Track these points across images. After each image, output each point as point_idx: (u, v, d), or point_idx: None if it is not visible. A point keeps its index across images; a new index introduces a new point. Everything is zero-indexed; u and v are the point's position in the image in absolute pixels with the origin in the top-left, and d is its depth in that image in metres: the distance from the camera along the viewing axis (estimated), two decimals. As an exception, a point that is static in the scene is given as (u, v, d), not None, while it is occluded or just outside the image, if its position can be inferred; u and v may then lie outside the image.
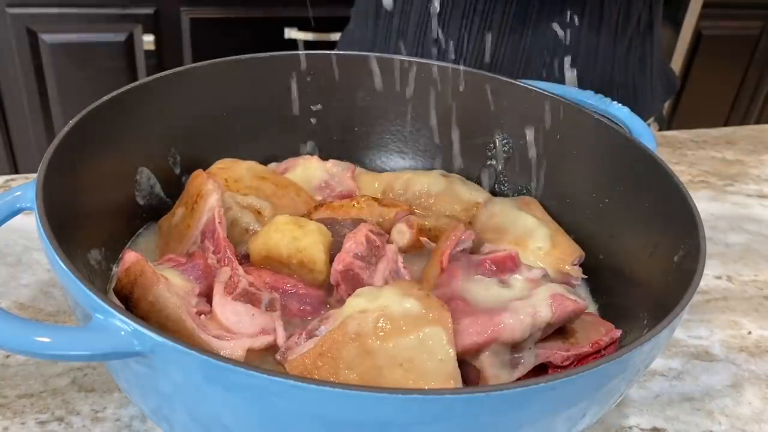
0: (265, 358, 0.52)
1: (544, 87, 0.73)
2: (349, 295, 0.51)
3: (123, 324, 0.38)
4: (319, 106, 0.78)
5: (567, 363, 0.50)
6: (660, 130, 1.19)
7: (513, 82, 0.73)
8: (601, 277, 0.66)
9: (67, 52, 1.78)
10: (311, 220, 0.62)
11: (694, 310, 0.75)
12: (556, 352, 0.51)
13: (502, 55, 0.95)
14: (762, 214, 0.95)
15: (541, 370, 0.51)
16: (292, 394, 0.35)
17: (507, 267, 0.55)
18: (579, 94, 0.74)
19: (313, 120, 0.79)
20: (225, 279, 0.55)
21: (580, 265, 0.65)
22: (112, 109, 0.60)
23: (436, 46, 0.96)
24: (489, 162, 0.77)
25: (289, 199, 0.68)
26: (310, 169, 0.73)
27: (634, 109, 0.73)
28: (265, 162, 0.75)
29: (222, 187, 0.62)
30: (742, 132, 1.20)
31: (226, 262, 0.56)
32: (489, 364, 0.48)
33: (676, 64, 2.44)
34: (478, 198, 0.72)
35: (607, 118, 0.68)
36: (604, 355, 0.51)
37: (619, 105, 0.73)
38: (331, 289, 0.58)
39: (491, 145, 0.76)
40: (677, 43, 2.39)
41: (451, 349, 0.46)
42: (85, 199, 0.57)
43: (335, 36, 1.88)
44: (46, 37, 1.75)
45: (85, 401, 0.57)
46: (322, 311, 0.57)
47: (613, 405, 0.46)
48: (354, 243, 0.58)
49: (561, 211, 0.71)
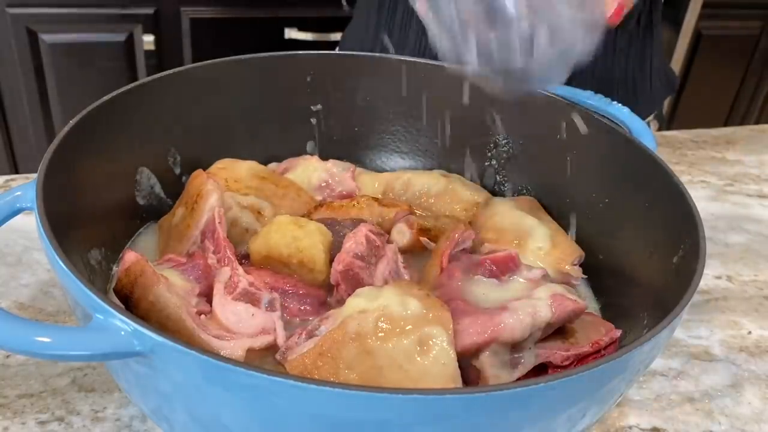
0: (265, 358, 0.52)
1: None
2: (349, 295, 0.51)
3: (123, 324, 0.38)
4: (319, 106, 0.78)
5: (567, 363, 0.50)
6: (660, 129, 1.19)
7: (513, 82, 0.73)
8: (601, 277, 0.66)
9: (67, 52, 1.78)
10: (311, 220, 0.62)
11: (694, 310, 0.75)
12: (556, 352, 0.50)
13: None
14: (762, 214, 0.95)
15: (541, 370, 0.51)
16: (292, 394, 0.35)
17: (507, 267, 0.55)
18: (579, 94, 0.74)
19: (313, 120, 0.79)
20: (225, 279, 0.55)
21: (580, 265, 0.66)
22: (112, 109, 0.60)
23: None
24: (489, 162, 0.77)
25: (289, 199, 0.68)
26: (310, 169, 0.74)
27: (633, 106, 0.73)
28: (265, 162, 0.75)
29: (222, 187, 0.62)
30: (742, 132, 1.20)
31: (226, 262, 0.56)
32: (489, 364, 0.48)
33: (676, 64, 2.43)
34: (478, 198, 0.72)
35: (607, 118, 0.68)
36: (604, 355, 0.51)
37: (619, 105, 0.73)
38: (331, 289, 0.58)
39: (491, 145, 0.76)
40: (677, 43, 2.39)
41: (451, 349, 0.46)
42: (85, 199, 0.57)
43: (335, 36, 1.88)
44: (46, 37, 1.75)
45: (85, 401, 0.57)
46: (322, 311, 0.57)
47: (613, 405, 0.46)
48: (354, 243, 0.58)
49: (561, 211, 0.71)
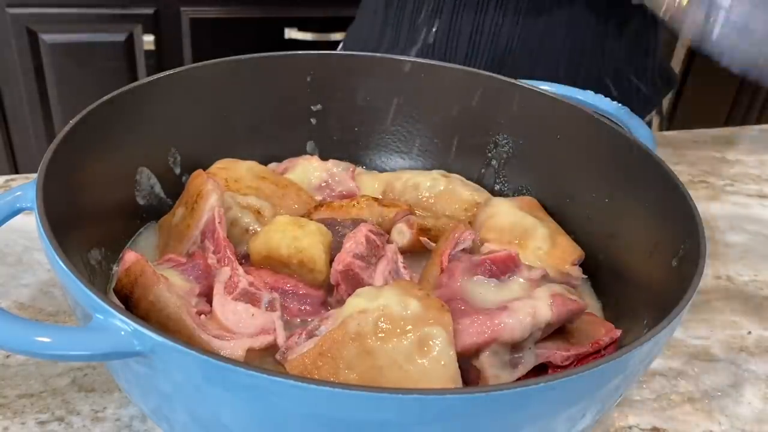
0: (265, 358, 0.52)
1: (545, 87, 0.73)
2: (349, 295, 0.51)
3: (123, 324, 0.38)
4: (319, 106, 0.78)
5: (567, 363, 0.50)
6: (660, 126, 1.19)
7: (513, 82, 0.73)
8: (601, 277, 0.66)
9: (67, 52, 1.78)
10: (311, 220, 0.62)
11: (694, 310, 0.75)
12: (556, 352, 0.50)
13: (516, 43, 0.97)
14: (762, 214, 0.95)
15: (541, 370, 0.51)
16: (292, 394, 0.35)
17: (507, 267, 0.55)
18: (579, 94, 0.74)
19: (313, 120, 0.79)
20: (225, 279, 0.55)
21: (580, 265, 0.65)
22: (112, 109, 0.60)
23: (450, 34, 0.98)
24: (489, 162, 0.77)
25: (289, 199, 0.68)
26: (310, 169, 0.74)
27: (635, 101, 0.72)
28: (265, 162, 0.75)
29: (222, 187, 0.62)
30: (742, 132, 1.20)
31: (226, 262, 0.56)
32: (489, 364, 0.48)
33: (676, 64, 2.43)
34: (478, 198, 0.72)
35: (607, 118, 0.68)
36: (604, 355, 0.51)
37: (619, 105, 0.73)
38: (331, 289, 0.58)
39: (491, 145, 0.76)
40: (677, 43, 2.39)
41: (451, 350, 0.46)
42: (85, 199, 0.57)
43: (335, 36, 1.88)
44: (46, 37, 1.75)
45: (85, 401, 0.57)
46: (322, 311, 0.57)
47: (613, 405, 0.46)
48: (354, 243, 0.58)
49: (561, 211, 0.71)
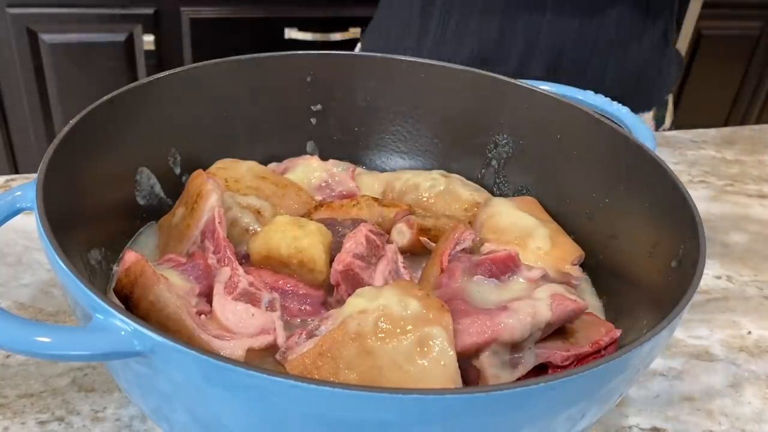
0: (265, 358, 0.52)
1: (545, 87, 0.73)
2: (349, 295, 0.51)
3: (123, 324, 0.38)
4: (319, 106, 0.78)
5: (567, 363, 0.50)
6: (659, 127, 1.19)
7: (513, 82, 0.73)
8: (601, 277, 0.66)
9: (67, 52, 1.78)
10: (311, 220, 0.62)
11: (694, 310, 0.75)
12: (556, 352, 0.50)
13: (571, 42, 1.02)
14: (762, 214, 0.95)
15: (541, 370, 0.51)
16: (292, 394, 0.35)
17: (507, 267, 0.55)
18: (579, 94, 0.75)
19: (313, 120, 0.79)
20: (225, 279, 0.55)
21: (580, 266, 0.65)
22: (112, 109, 0.60)
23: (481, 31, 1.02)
24: (489, 162, 0.77)
25: (289, 199, 0.68)
26: (310, 169, 0.74)
27: (652, 88, 0.75)
28: (265, 162, 0.75)
29: (222, 187, 0.62)
30: (742, 132, 1.20)
31: (226, 262, 0.56)
32: (489, 364, 0.48)
33: (676, 64, 2.43)
34: (478, 198, 0.72)
35: (607, 118, 0.68)
36: (604, 355, 0.51)
37: (619, 105, 0.73)
38: (331, 289, 0.58)
39: (491, 145, 0.76)
40: (677, 43, 2.39)
41: (451, 350, 0.46)
42: (85, 199, 0.57)
43: (335, 36, 1.88)
44: (46, 37, 1.75)
45: (85, 401, 0.57)
46: (322, 311, 0.57)
47: (613, 405, 0.46)
48: (354, 243, 0.58)
49: (561, 211, 0.71)
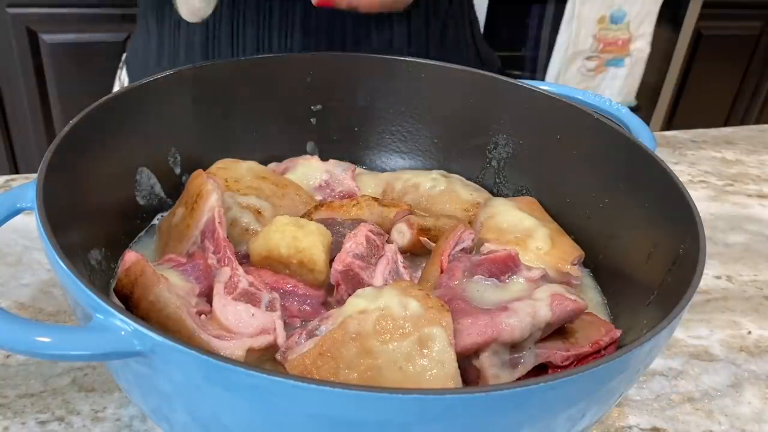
0: (265, 358, 0.52)
1: (544, 87, 0.73)
2: (349, 295, 0.51)
3: (123, 324, 0.38)
4: (319, 106, 0.78)
5: (567, 363, 0.50)
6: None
7: (513, 82, 0.73)
8: (600, 277, 0.66)
9: (67, 52, 1.78)
10: (311, 220, 0.62)
11: (694, 310, 0.75)
12: (556, 352, 0.50)
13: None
14: (762, 214, 0.95)
15: (541, 370, 0.51)
16: (292, 394, 0.35)
17: (507, 267, 0.55)
18: (579, 93, 0.75)
19: (313, 120, 0.79)
20: (225, 279, 0.55)
21: (581, 265, 0.65)
22: (111, 110, 0.60)
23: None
24: (489, 162, 0.77)
25: (289, 199, 0.68)
26: (310, 169, 0.74)
27: None
28: (265, 162, 0.75)
29: (222, 187, 0.62)
30: (742, 132, 1.20)
31: (226, 262, 0.56)
32: (489, 364, 0.48)
33: (676, 64, 2.43)
34: (478, 198, 0.72)
35: (607, 118, 0.68)
36: (604, 355, 0.51)
37: (619, 105, 0.73)
38: (331, 289, 0.58)
39: (491, 145, 0.76)
40: (677, 43, 2.39)
41: (450, 349, 0.46)
42: (85, 199, 0.57)
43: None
44: (46, 37, 1.76)
45: (85, 401, 0.57)
46: (322, 311, 0.57)
47: (613, 405, 0.46)
48: (354, 243, 0.58)
49: (561, 211, 0.71)
